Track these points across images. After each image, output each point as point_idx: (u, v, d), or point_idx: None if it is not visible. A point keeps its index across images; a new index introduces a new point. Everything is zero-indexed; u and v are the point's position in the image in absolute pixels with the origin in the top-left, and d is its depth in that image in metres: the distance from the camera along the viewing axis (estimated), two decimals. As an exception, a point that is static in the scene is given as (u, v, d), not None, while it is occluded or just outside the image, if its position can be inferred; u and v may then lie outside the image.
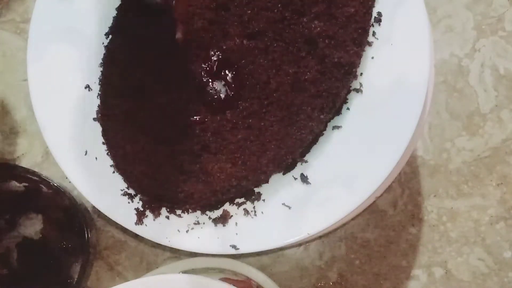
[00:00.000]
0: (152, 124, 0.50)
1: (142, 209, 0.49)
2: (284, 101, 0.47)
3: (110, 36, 0.53)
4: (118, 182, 0.50)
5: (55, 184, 0.57)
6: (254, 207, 0.48)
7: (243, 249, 0.47)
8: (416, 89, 0.45)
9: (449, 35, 0.61)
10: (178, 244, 0.49)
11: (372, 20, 0.47)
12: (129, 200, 0.50)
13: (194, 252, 0.49)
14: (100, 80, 0.52)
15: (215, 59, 0.49)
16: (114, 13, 0.53)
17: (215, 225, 0.48)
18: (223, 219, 0.48)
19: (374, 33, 0.47)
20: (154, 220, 0.49)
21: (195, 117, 0.49)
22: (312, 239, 0.58)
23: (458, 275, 0.58)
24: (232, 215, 0.48)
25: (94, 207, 0.50)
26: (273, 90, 0.48)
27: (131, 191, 0.50)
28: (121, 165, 0.50)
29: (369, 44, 0.47)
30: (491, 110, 0.59)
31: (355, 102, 0.48)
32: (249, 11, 0.49)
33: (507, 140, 0.59)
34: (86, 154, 0.51)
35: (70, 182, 0.51)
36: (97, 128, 0.51)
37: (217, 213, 0.49)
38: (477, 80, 0.60)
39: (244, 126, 0.48)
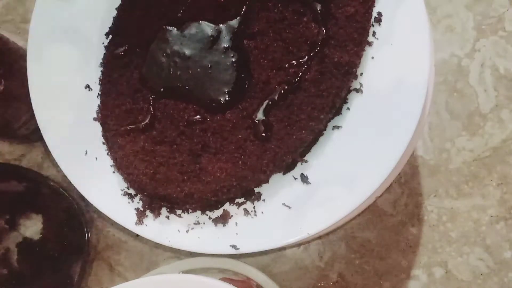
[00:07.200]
0: (152, 124, 0.50)
1: (142, 209, 0.49)
2: (284, 101, 0.47)
3: (110, 36, 0.53)
4: (118, 182, 0.50)
5: (55, 184, 0.57)
6: (254, 207, 0.48)
7: (243, 249, 0.47)
8: (416, 89, 0.45)
9: (449, 35, 0.61)
10: (178, 244, 0.49)
11: (372, 20, 0.47)
12: (129, 200, 0.50)
13: (194, 252, 0.49)
14: (100, 80, 0.52)
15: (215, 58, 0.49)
16: (114, 13, 0.53)
17: (215, 225, 0.48)
18: (223, 219, 0.48)
19: (374, 33, 0.47)
20: (154, 220, 0.49)
21: (195, 117, 0.49)
22: (312, 239, 0.58)
23: (458, 275, 0.58)
24: (232, 215, 0.48)
25: (94, 207, 0.50)
26: (273, 90, 0.48)
27: (131, 191, 0.50)
28: (121, 165, 0.50)
29: (369, 44, 0.47)
30: (491, 110, 0.59)
31: (355, 102, 0.48)
32: (249, 11, 0.49)
33: (507, 140, 0.59)
34: (86, 154, 0.51)
35: (70, 182, 0.51)
36: (97, 128, 0.51)
37: (217, 213, 0.49)
38: (477, 80, 0.60)
39: (244, 126, 0.48)
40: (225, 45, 0.49)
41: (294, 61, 0.48)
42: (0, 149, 0.63)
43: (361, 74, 0.47)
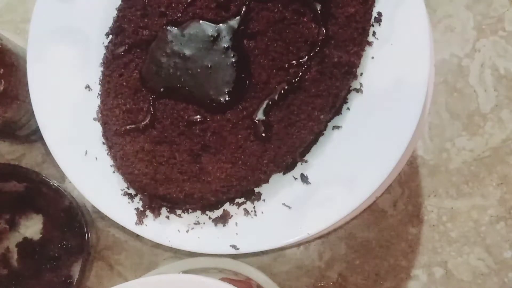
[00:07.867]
0: (152, 124, 0.50)
1: (142, 209, 0.49)
2: (284, 101, 0.47)
3: (110, 36, 0.53)
4: (118, 182, 0.50)
5: (55, 184, 0.57)
6: (254, 207, 0.48)
7: (243, 249, 0.47)
8: (416, 89, 0.45)
9: (449, 35, 0.61)
10: (178, 244, 0.49)
11: (372, 20, 0.47)
12: (129, 200, 0.50)
13: (194, 252, 0.49)
14: (100, 80, 0.52)
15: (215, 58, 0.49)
16: (114, 13, 0.53)
17: (215, 225, 0.48)
18: (223, 219, 0.48)
19: (374, 33, 0.47)
20: (154, 220, 0.49)
21: (195, 117, 0.49)
22: (312, 239, 0.58)
23: (458, 275, 0.58)
24: (232, 215, 0.48)
25: (94, 207, 0.50)
26: (273, 90, 0.48)
27: (131, 191, 0.50)
28: (121, 165, 0.50)
29: (369, 44, 0.47)
30: (491, 110, 0.59)
31: (355, 102, 0.48)
32: (249, 11, 0.49)
33: (507, 140, 0.59)
34: (86, 154, 0.51)
35: (70, 182, 0.51)
36: (97, 128, 0.51)
37: (217, 213, 0.49)
38: (477, 80, 0.60)
39: (244, 126, 0.48)
40: (225, 45, 0.49)
41: (294, 61, 0.48)
42: (0, 149, 0.63)
43: (361, 74, 0.47)
